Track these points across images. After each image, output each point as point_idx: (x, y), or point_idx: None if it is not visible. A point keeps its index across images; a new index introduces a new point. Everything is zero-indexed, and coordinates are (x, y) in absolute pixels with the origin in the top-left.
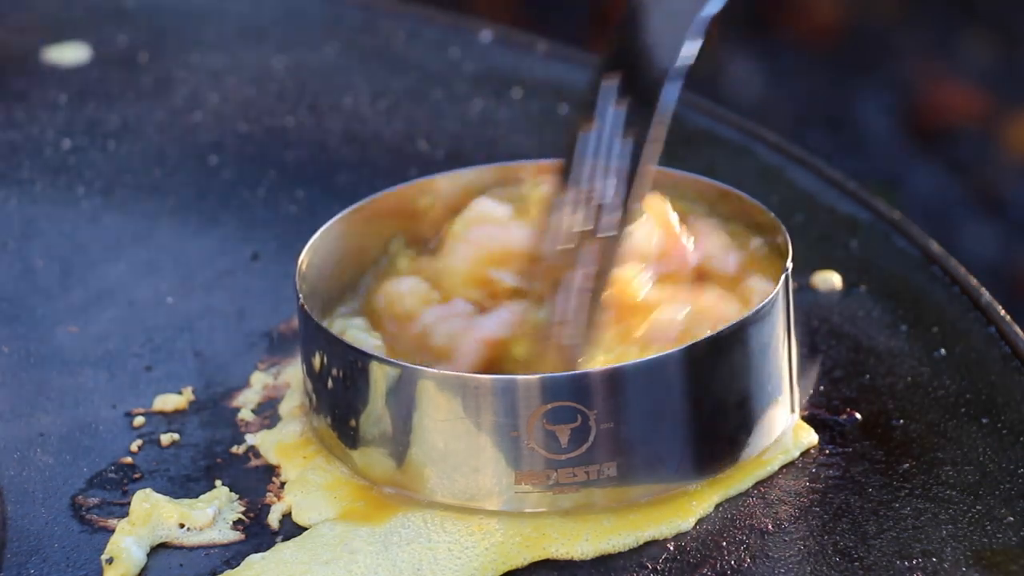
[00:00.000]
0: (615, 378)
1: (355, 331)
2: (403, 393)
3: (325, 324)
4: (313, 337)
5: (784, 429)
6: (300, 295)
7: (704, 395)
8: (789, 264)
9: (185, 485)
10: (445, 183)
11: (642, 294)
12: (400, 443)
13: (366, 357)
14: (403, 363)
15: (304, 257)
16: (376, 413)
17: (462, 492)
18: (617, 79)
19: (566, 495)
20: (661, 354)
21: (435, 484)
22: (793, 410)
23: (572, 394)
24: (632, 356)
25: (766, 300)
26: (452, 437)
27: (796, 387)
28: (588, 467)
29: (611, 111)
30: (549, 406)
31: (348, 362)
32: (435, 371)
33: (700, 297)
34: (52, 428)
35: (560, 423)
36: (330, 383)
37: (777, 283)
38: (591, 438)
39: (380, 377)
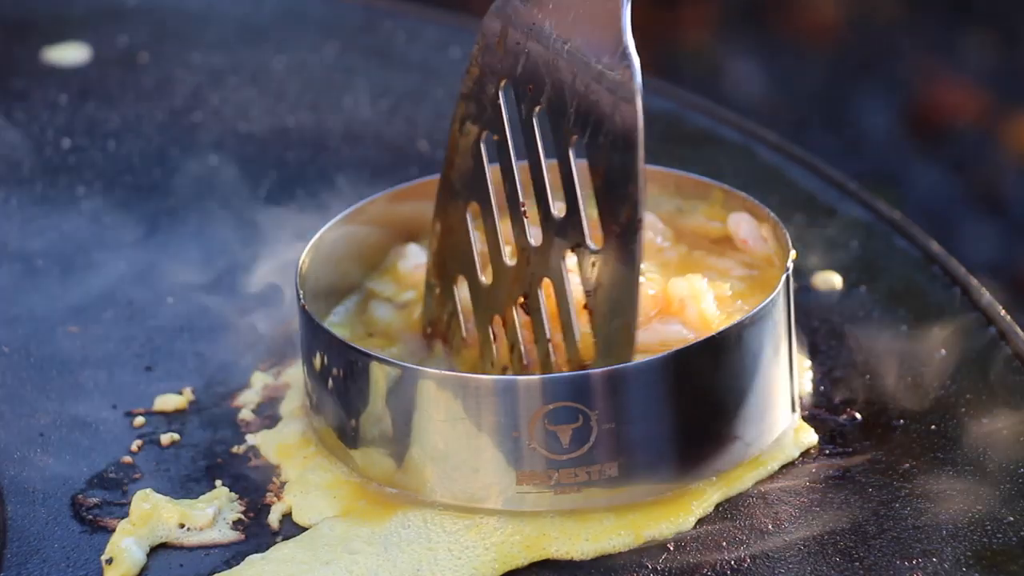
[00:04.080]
0: (615, 379)
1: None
2: (403, 393)
3: (325, 324)
4: (314, 337)
5: (785, 429)
6: (301, 295)
7: (704, 395)
8: (790, 264)
9: (185, 485)
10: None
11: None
12: (401, 443)
13: (366, 357)
14: (403, 363)
15: (305, 257)
16: (376, 413)
17: (462, 492)
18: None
19: (567, 495)
20: (662, 354)
21: (436, 484)
22: (794, 410)
23: (573, 395)
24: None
25: (766, 300)
26: (452, 437)
27: (797, 387)
28: (589, 467)
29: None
30: (551, 407)
31: (348, 362)
32: (435, 371)
33: None
34: (52, 428)
35: (561, 423)
36: (330, 383)
37: (777, 284)
38: (592, 438)
39: (380, 377)
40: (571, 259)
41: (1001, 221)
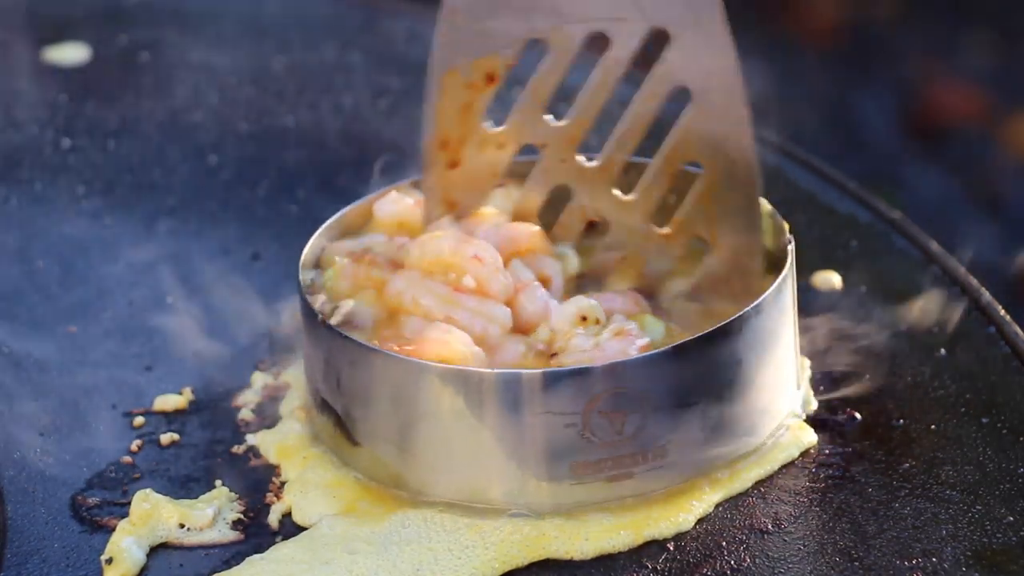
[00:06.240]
0: (660, 361)
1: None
2: (415, 388)
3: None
4: (318, 334)
5: (801, 401)
6: (306, 293)
7: (735, 375)
8: (790, 237)
9: (185, 485)
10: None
11: None
12: (410, 440)
13: (370, 352)
14: (411, 358)
15: (307, 252)
16: (382, 409)
17: (474, 489)
18: None
19: (619, 483)
20: (705, 332)
21: (449, 481)
22: (799, 387)
23: (622, 380)
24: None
25: (778, 280)
26: (457, 432)
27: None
28: (635, 454)
29: None
30: (605, 393)
31: (353, 358)
32: (450, 367)
33: None
34: (52, 428)
35: (614, 411)
36: (336, 380)
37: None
38: (639, 425)
39: (383, 372)
40: None
41: (1001, 221)
